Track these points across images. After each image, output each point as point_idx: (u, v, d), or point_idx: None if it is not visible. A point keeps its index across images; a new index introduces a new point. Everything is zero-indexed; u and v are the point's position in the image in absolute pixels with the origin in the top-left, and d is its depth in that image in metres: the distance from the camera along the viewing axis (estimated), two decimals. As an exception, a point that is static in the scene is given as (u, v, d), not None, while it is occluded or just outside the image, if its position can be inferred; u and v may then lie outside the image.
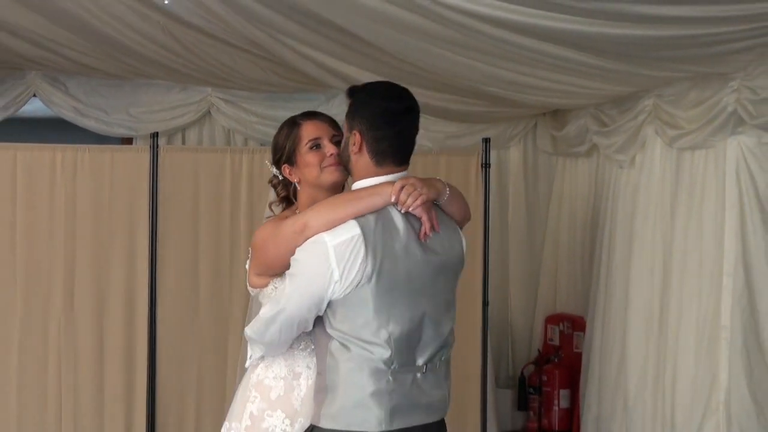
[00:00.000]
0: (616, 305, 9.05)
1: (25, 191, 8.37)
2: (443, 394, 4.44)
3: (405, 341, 4.32)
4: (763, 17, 6.34)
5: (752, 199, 7.73)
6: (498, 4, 6.21)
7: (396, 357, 4.30)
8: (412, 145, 4.54)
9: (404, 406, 4.32)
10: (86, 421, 8.48)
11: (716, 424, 7.87)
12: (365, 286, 4.29)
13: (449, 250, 4.46)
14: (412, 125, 4.53)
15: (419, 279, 4.35)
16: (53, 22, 7.91)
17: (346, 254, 4.27)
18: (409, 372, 4.33)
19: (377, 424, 4.28)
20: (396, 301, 4.32)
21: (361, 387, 4.31)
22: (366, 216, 4.33)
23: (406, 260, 4.33)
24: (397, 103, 4.50)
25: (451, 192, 4.55)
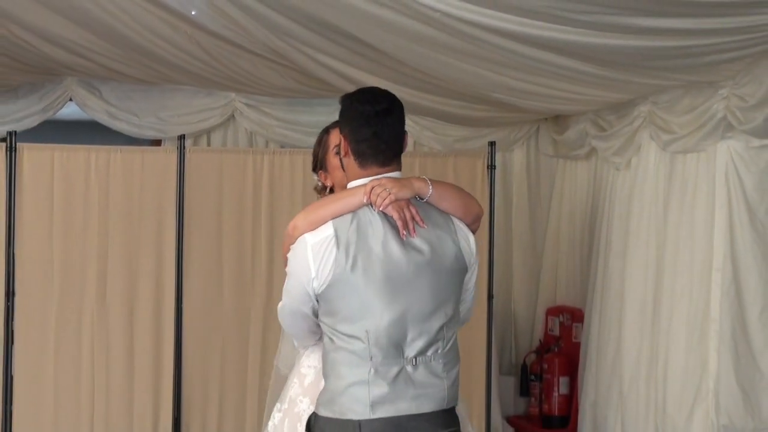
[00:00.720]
0: (613, 298, 9.04)
1: (62, 189, 8.42)
2: (440, 386, 4.31)
3: (384, 335, 4.28)
4: (750, 30, 6.35)
5: (740, 200, 7.73)
6: (504, 16, 6.22)
7: (375, 350, 4.27)
8: (394, 146, 4.46)
9: (389, 396, 4.26)
10: (117, 403, 8.51)
11: (706, 410, 7.87)
12: (341, 282, 4.30)
13: (438, 247, 4.34)
14: (389, 126, 4.44)
15: (399, 276, 4.29)
16: (88, 31, 7.93)
17: (320, 252, 4.31)
18: (394, 365, 4.27)
19: (361, 413, 4.26)
20: (373, 296, 4.29)
21: (345, 377, 4.32)
22: (343, 216, 4.35)
23: (383, 258, 4.29)
24: (372, 106, 4.46)
25: (441, 190, 4.44)
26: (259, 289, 8.64)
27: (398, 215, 4.28)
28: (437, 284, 4.33)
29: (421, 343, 4.29)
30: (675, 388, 8.11)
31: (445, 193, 4.44)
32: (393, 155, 4.46)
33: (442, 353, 4.32)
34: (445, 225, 4.40)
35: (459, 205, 4.43)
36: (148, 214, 8.53)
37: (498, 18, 6.25)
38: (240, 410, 8.72)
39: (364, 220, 4.34)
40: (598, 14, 6.09)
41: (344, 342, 4.33)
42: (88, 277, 8.46)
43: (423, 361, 4.29)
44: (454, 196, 4.45)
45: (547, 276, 10.75)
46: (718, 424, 7.81)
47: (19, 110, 9.86)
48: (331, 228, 4.34)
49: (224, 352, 8.68)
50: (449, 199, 4.42)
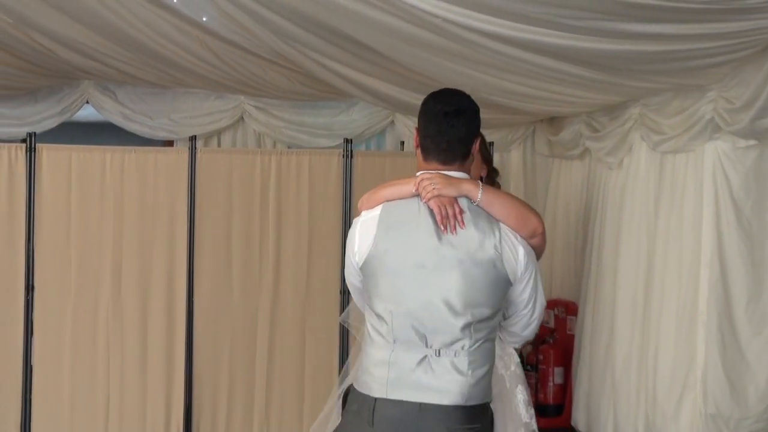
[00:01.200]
0: (606, 292, 9.05)
1: (79, 188, 8.44)
2: (462, 383, 4.23)
3: (408, 321, 4.28)
4: (736, 35, 6.36)
5: (727, 198, 7.74)
6: (501, 22, 6.23)
7: (399, 333, 4.28)
8: (457, 146, 4.43)
9: (407, 382, 4.26)
10: (130, 393, 8.53)
11: (694, 399, 7.88)
12: (375, 259, 4.34)
13: (474, 248, 4.27)
14: (454, 128, 4.42)
15: (430, 267, 4.28)
16: (104, 37, 7.95)
17: (366, 229, 4.38)
18: (417, 352, 4.26)
19: (379, 391, 4.28)
20: (402, 280, 4.31)
21: (371, 355, 4.36)
22: (395, 201, 4.38)
23: (417, 247, 4.30)
24: (441, 105, 4.45)
25: (493, 197, 4.35)
26: (267, 285, 8.66)
27: (438, 210, 4.27)
28: (469, 284, 4.27)
29: (446, 337, 4.25)
30: (664, 378, 8.12)
31: (497, 202, 4.36)
32: (456, 155, 4.43)
33: (468, 351, 4.25)
34: (490, 231, 4.31)
35: (512, 215, 4.33)
36: (161, 211, 8.55)
37: (495, 23, 6.25)
38: (248, 402, 8.74)
39: (412, 208, 4.36)
40: (591, 20, 6.09)
41: (374, 320, 4.37)
42: (103, 272, 8.49)
43: (447, 354, 4.25)
44: (508, 206, 4.36)
45: (542, 271, 10.70)
46: (705, 413, 7.82)
47: (38, 112, 9.89)
48: (379, 209, 4.40)
49: (233, 346, 8.70)
50: (501, 208, 4.34)
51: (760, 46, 6.63)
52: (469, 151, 4.45)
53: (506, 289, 4.34)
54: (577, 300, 9.79)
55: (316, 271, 8.74)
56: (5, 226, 8.39)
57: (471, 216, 4.32)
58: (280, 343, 8.73)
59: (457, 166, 4.43)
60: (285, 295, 8.69)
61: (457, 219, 4.28)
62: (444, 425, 4.23)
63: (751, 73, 6.96)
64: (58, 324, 8.43)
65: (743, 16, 6.03)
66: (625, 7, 5.78)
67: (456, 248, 4.28)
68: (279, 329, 8.68)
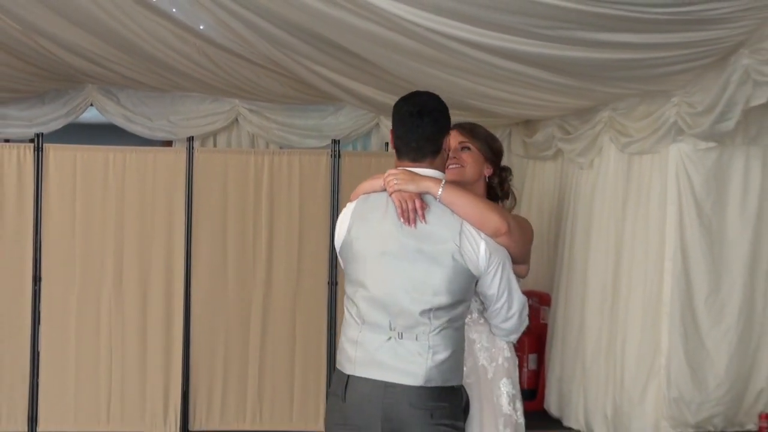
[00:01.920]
0: (577, 284, 9.07)
1: (83, 185, 8.45)
2: (421, 365, 4.24)
3: (373, 304, 4.31)
4: (697, 44, 6.41)
5: (689, 197, 7.80)
6: (479, 31, 6.26)
7: (365, 315, 4.32)
8: (424, 144, 4.40)
9: (372, 360, 4.29)
10: (131, 377, 8.52)
11: (658, 384, 7.94)
12: (347, 246, 4.41)
13: (434, 241, 4.28)
14: (419, 126, 4.39)
15: (393, 256, 4.31)
16: (108, 43, 7.96)
17: (343, 219, 4.44)
18: (381, 333, 4.29)
19: (350, 369, 4.32)
20: (368, 267, 4.35)
21: (344, 334, 4.41)
22: (371, 194, 4.42)
23: (382, 237, 4.34)
24: (408, 107, 4.45)
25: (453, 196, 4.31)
26: (260, 276, 8.66)
27: (398, 203, 4.29)
28: (428, 274, 4.27)
29: (407, 321, 4.26)
30: (631, 365, 8.16)
31: (458, 201, 4.32)
32: (425, 153, 4.42)
33: (429, 336, 4.25)
34: (453, 226, 4.30)
35: (471, 214, 4.29)
36: (160, 208, 8.55)
37: (473, 32, 6.28)
38: (242, 388, 8.72)
39: (381, 201, 4.38)
40: (563, 29, 6.13)
41: (347, 302, 4.41)
42: (106, 264, 8.49)
43: (409, 337, 4.26)
44: (469, 206, 4.31)
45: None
46: (669, 397, 7.87)
47: (45, 114, 9.90)
48: (356, 201, 4.46)
49: (228, 335, 8.68)
50: (462, 207, 4.30)
51: (719, 54, 6.68)
52: (438, 149, 4.42)
53: (469, 281, 4.32)
54: (550, 291, 9.80)
55: (306, 263, 8.73)
56: (14, 221, 8.40)
57: (436, 211, 4.33)
58: (272, 333, 8.73)
59: (427, 163, 4.42)
60: (277, 287, 8.68)
61: (417, 213, 4.28)
62: (407, 402, 4.25)
63: (712, 80, 7.00)
64: (63, 313, 8.44)
65: (704, 26, 6.09)
66: (595, 17, 5.82)
67: (417, 240, 4.30)
68: (271, 319, 8.68)
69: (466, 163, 4.73)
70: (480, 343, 4.54)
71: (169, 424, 8.59)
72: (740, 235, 7.99)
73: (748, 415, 8.12)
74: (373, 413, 4.29)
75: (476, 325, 4.55)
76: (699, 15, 5.82)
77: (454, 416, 4.31)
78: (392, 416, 4.26)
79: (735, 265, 7.97)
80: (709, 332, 7.90)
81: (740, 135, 7.84)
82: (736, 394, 8.05)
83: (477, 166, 4.74)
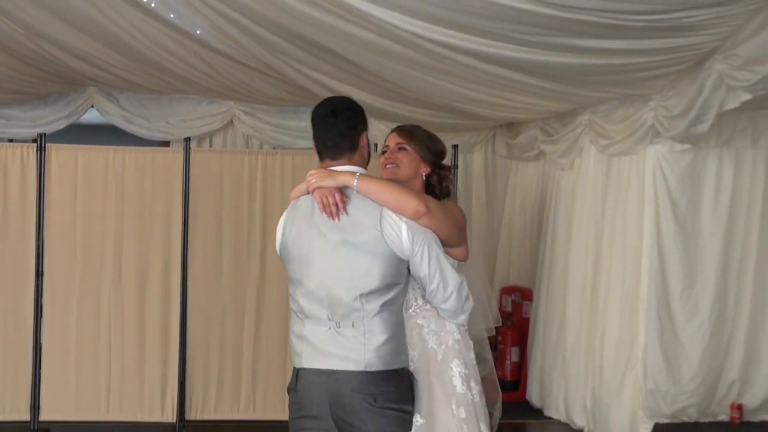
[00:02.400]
0: (558, 280, 9.10)
1: (84, 183, 8.44)
2: (360, 351, 4.29)
3: (310, 299, 4.38)
4: (673, 50, 6.44)
5: (665, 196, 7.83)
6: (464, 36, 6.26)
7: (305, 309, 4.40)
8: (340, 142, 4.46)
9: (317, 352, 4.35)
10: (130, 366, 8.52)
11: (635, 376, 7.97)
12: (283, 247, 4.51)
13: (357, 231, 4.33)
14: (332, 127, 4.46)
15: (320, 250, 4.38)
16: (108, 48, 7.96)
17: (279, 224, 4.58)
18: (322, 325, 4.35)
19: (298, 362, 4.41)
20: (302, 263, 4.42)
21: (292, 330, 4.48)
22: (299, 197, 4.51)
23: (309, 234, 4.41)
24: (320, 109, 4.52)
25: (369, 186, 4.37)
26: (254, 270, 8.66)
27: (319, 200, 4.35)
28: (354, 262, 4.32)
29: (342, 310, 4.32)
30: (609, 357, 8.19)
31: (374, 189, 4.37)
32: (341, 151, 4.46)
33: (363, 322, 4.31)
34: (373, 214, 4.35)
35: (388, 200, 4.34)
36: (158, 205, 8.54)
37: (459, 38, 6.29)
38: (236, 377, 8.73)
39: (309, 202, 4.44)
40: (546, 36, 6.15)
41: (291, 300, 4.48)
42: (106, 259, 8.49)
43: (345, 325, 4.31)
44: (384, 193, 4.36)
45: (501, 260, 10.78)
46: (645, 388, 7.91)
47: (48, 115, 9.91)
48: (290, 206, 4.55)
49: (223, 327, 8.68)
50: (379, 195, 4.35)
51: (694, 60, 6.70)
52: (355, 145, 4.48)
53: (397, 265, 4.35)
54: (532, 287, 9.83)
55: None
56: (18, 218, 8.40)
57: (356, 202, 4.38)
58: (265, 326, 8.72)
59: (345, 160, 4.47)
60: (270, 281, 8.68)
61: (339, 206, 4.34)
62: (350, 388, 4.28)
63: (687, 85, 7.03)
64: (65, 306, 8.44)
65: (679, 33, 6.11)
66: (575, 24, 5.83)
67: (342, 232, 4.35)
68: (264, 312, 8.68)
69: (402, 162, 4.74)
70: (428, 327, 4.55)
71: (166, 413, 8.60)
72: (713, 233, 8.03)
73: (721, 405, 8.17)
74: (321, 401, 4.34)
75: (423, 311, 4.56)
76: (675, 23, 5.85)
77: (400, 400, 4.33)
78: (339, 402, 4.30)
79: (708, 262, 8.01)
80: (684, 327, 7.94)
81: (714, 137, 7.89)
82: (709, 386, 8.09)
83: (412, 165, 4.77)
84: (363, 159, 4.53)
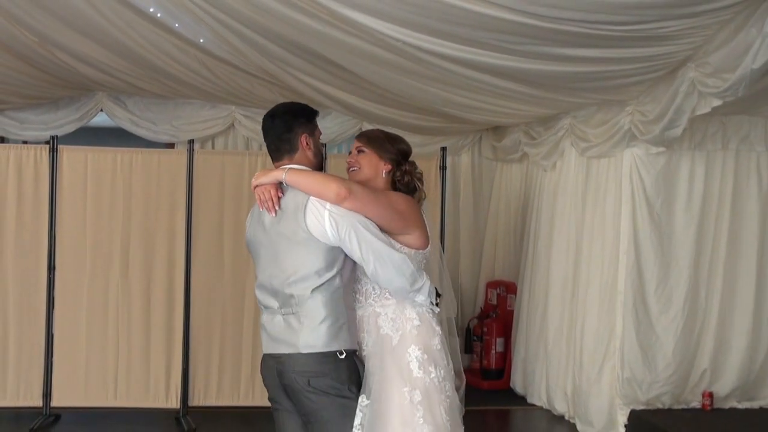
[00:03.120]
0: (540, 274, 9.13)
1: (93, 184, 8.45)
2: (297, 334, 4.34)
3: (262, 290, 4.51)
4: (649, 59, 6.45)
5: (641, 196, 7.85)
6: (452, 45, 6.27)
7: (260, 300, 4.53)
8: (279, 144, 4.55)
9: (271, 338, 4.45)
10: (137, 356, 8.54)
11: (613, 366, 7.99)
12: (247, 246, 4.68)
13: (290, 221, 4.38)
14: (271, 128, 4.57)
15: (263, 244, 4.50)
16: (116, 55, 7.95)
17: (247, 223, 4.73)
18: (271, 313, 4.45)
19: (264, 348, 4.53)
20: (256, 258, 4.57)
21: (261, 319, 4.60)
22: None
23: (256, 229, 4.54)
24: (266, 115, 4.65)
25: (296, 177, 4.42)
26: (253, 268, 8.61)
27: (257, 197, 4.46)
28: (288, 251, 4.38)
29: (283, 297, 4.39)
30: (589, 347, 8.21)
31: (299, 179, 4.41)
32: (282, 152, 4.55)
33: (301, 308, 4.35)
34: (301, 204, 4.38)
35: (312, 187, 4.37)
36: (163, 203, 8.55)
37: (447, 46, 6.29)
38: (236, 366, 8.73)
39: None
40: (529, 45, 6.16)
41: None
42: (114, 255, 8.49)
43: (286, 311, 4.38)
44: (308, 181, 4.40)
45: (487, 256, 10.78)
46: (622, 377, 7.92)
47: (59, 119, 9.89)
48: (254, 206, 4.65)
49: (224, 319, 8.68)
50: (304, 184, 4.39)
51: (669, 68, 6.72)
52: (293, 147, 4.54)
53: (325, 251, 4.37)
54: (516, 280, 9.85)
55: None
56: (31, 216, 8.41)
57: (289, 195, 4.43)
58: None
59: (286, 160, 4.54)
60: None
61: (273, 201, 4.41)
62: (291, 370, 4.35)
63: (662, 91, 7.04)
64: (75, 299, 8.45)
65: (655, 43, 6.13)
66: (558, 34, 5.84)
67: (278, 224, 4.42)
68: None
69: (361, 164, 4.75)
70: (385, 314, 4.54)
71: (170, 400, 8.61)
72: (686, 231, 8.04)
73: (693, 393, 8.18)
74: (275, 385, 4.47)
75: (381, 299, 4.56)
76: (651, 32, 5.87)
77: (338, 383, 4.35)
78: (285, 384, 4.40)
79: (681, 258, 8.03)
80: (659, 318, 7.96)
81: (687, 141, 7.91)
82: (683, 374, 8.10)
83: (371, 165, 4.76)
84: (307, 158, 4.59)
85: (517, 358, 9.54)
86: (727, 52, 5.97)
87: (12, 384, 8.47)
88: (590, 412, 8.14)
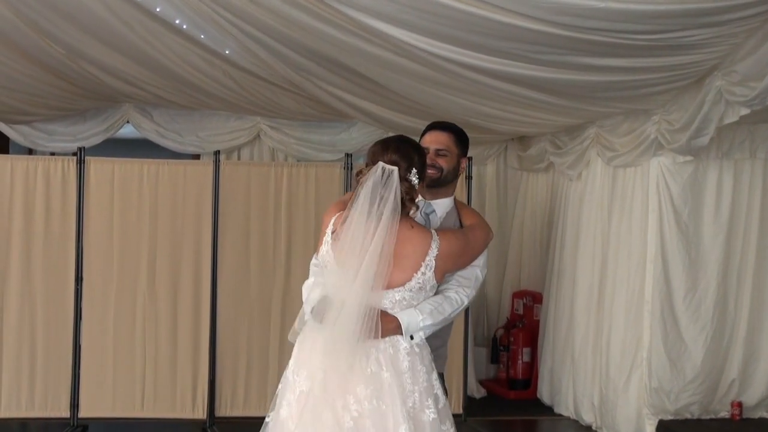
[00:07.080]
0: (566, 284, 9.10)
1: (120, 195, 8.46)
2: None
3: None
4: (676, 68, 6.44)
5: (668, 205, 7.83)
6: (479, 55, 6.28)
7: None
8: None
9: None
10: (163, 367, 8.52)
11: (640, 375, 7.96)
12: None
13: None
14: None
15: None
16: (143, 67, 7.99)
17: None
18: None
19: None
20: None
21: None
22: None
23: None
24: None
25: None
26: (279, 275, 8.66)
27: None
28: None
29: None
30: (616, 357, 8.18)
31: None
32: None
33: None
34: None
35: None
36: (190, 214, 8.56)
37: (473, 57, 6.30)
38: (263, 375, 8.72)
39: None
40: (554, 54, 6.15)
41: None
42: (140, 265, 8.50)
43: None
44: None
45: (513, 266, 10.76)
46: (650, 387, 7.90)
47: (86, 130, 9.95)
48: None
49: (250, 329, 8.67)
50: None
51: (695, 77, 6.71)
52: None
53: None
54: (542, 290, 9.82)
55: (321, 265, 8.73)
56: (59, 226, 8.43)
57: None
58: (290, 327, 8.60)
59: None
60: (295, 286, 8.65)
61: None
62: None
63: (688, 100, 7.03)
64: (102, 310, 8.45)
65: (681, 51, 6.12)
66: (584, 43, 5.84)
67: None
68: (288, 315, 8.64)
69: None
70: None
71: (197, 411, 8.61)
72: (714, 240, 8.01)
73: (722, 403, 8.15)
74: None
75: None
76: (678, 41, 5.85)
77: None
78: None
79: (710, 267, 8.00)
80: (687, 328, 7.93)
81: (714, 150, 7.88)
82: (711, 384, 8.07)
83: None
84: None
85: (544, 368, 9.51)
86: (755, 60, 5.95)
87: (40, 395, 8.48)
88: (618, 422, 8.11)
